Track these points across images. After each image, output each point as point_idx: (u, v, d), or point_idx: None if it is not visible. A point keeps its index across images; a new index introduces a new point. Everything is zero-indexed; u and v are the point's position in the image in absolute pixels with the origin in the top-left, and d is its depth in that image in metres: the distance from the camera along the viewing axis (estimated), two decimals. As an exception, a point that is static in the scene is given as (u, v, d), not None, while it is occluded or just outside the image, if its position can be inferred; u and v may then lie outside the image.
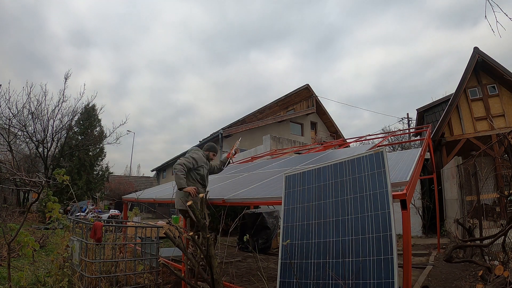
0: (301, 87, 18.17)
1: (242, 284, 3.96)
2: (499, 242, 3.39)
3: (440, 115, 10.72)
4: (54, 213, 3.55)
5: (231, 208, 8.15)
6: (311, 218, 2.28)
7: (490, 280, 2.70)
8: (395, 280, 1.68)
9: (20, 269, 3.70)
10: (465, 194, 5.91)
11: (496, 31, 2.05)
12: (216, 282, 2.22)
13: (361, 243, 1.90)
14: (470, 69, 9.17)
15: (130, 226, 4.35)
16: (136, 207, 7.83)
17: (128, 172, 34.10)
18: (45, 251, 5.42)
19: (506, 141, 3.32)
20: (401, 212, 1.92)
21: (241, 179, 4.47)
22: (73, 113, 14.09)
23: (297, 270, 2.18)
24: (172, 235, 2.24)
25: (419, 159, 3.16)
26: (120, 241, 3.94)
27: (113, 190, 21.22)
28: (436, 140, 9.40)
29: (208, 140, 15.69)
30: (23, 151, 15.51)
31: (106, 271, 3.33)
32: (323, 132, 19.71)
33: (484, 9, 2.01)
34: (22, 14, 38.93)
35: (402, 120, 20.76)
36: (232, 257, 5.67)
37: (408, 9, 78.68)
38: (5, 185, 10.12)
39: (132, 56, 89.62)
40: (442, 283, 3.84)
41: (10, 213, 7.88)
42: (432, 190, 7.86)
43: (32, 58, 46.34)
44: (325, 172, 2.38)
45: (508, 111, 8.99)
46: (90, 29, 62.62)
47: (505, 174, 5.52)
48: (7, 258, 2.93)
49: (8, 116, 12.11)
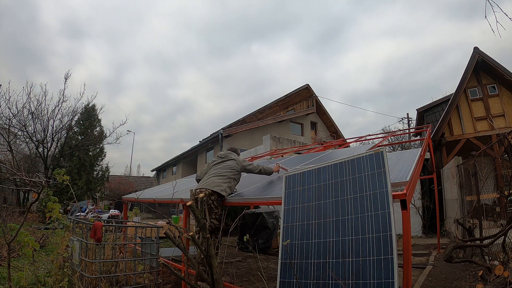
0: (301, 87, 18.18)
1: (242, 284, 3.96)
2: (499, 242, 3.39)
3: (440, 115, 10.72)
4: (54, 213, 3.55)
5: (231, 208, 8.12)
6: (311, 218, 2.28)
7: (490, 280, 2.70)
8: (395, 280, 1.68)
9: (20, 269, 3.70)
10: (465, 194, 5.91)
11: (496, 31, 2.06)
12: (216, 282, 2.22)
13: (361, 243, 1.90)
14: (470, 69, 9.17)
15: (130, 226, 4.35)
16: (136, 207, 7.82)
17: (128, 172, 34.15)
18: (45, 251, 5.42)
19: (506, 141, 3.32)
20: (401, 212, 1.92)
21: (241, 179, 4.47)
22: (73, 113, 14.13)
23: (297, 270, 2.18)
24: (172, 235, 2.24)
25: (419, 159, 3.16)
26: (120, 241, 3.94)
27: (113, 190, 21.23)
28: (436, 140, 9.40)
29: (208, 140, 15.70)
30: (23, 151, 15.52)
31: (106, 271, 3.32)
32: (323, 132, 19.71)
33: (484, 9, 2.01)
34: (14, 2, 36.98)
35: (402, 120, 20.77)
36: (232, 257, 5.67)
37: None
38: (5, 185, 10.12)
39: (127, 48, 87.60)
40: (442, 283, 3.84)
41: (10, 213, 7.87)
42: (432, 190, 7.86)
43: (24, 52, 44.21)
44: (325, 172, 2.38)
45: (508, 111, 8.99)
46: (83, 20, 60.16)
47: (505, 174, 5.53)
48: (7, 258, 2.93)
49: (8, 116, 12.14)
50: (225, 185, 3.37)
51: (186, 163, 19.75)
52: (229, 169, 3.55)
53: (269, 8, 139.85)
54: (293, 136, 16.77)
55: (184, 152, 18.70)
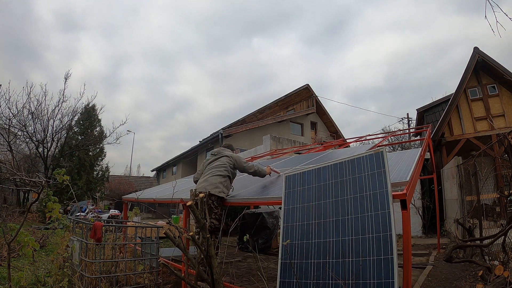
0: (301, 87, 18.19)
1: (242, 284, 3.96)
2: (499, 242, 3.39)
3: (440, 115, 10.72)
4: (54, 213, 3.55)
5: (231, 208, 8.12)
6: (311, 218, 2.28)
7: (490, 280, 2.70)
8: (395, 280, 1.68)
9: (20, 269, 3.70)
10: (465, 194, 5.91)
11: (496, 31, 2.06)
12: (216, 282, 2.22)
13: (361, 243, 1.90)
14: (470, 69, 9.17)
15: (130, 226, 4.36)
16: (136, 207, 7.82)
17: (128, 172, 34.15)
18: (45, 251, 5.42)
19: (506, 141, 3.33)
20: (401, 212, 1.92)
21: (241, 179, 4.47)
22: (73, 113, 14.12)
23: (297, 270, 2.18)
24: (172, 235, 2.24)
25: (419, 159, 3.16)
26: (120, 241, 3.94)
27: (113, 190, 21.22)
28: (436, 140, 9.40)
29: (208, 140, 15.70)
30: (23, 151, 15.52)
31: (106, 271, 3.33)
32: (323, 132, 19.71)
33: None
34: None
35: (402, 120, 20.77)
36: (232, 257, 5.67)
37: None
38: (5, 185, 10.12)
39: (124, 42, 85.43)
40: (442, 283, 3.84)
41: (10, 213, 7.88)
42: (432, 190, 7.86)
43: (19, 47, 42.05)
44: (325, 172, 2.38)
45: (508, 111, 8.99)
46: (78, 12, 58.07)
47: (505, 174, 5.52)
48: (7, 258, 2.93)
49: (8, 116, 12.14)
50: (221, 185, 3.33)
51: (186, 163, 19.75)
52: (223, 167, 3.49)
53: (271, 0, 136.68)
54: (293, 136, 16.77)
55: (184, 152, 18.71)
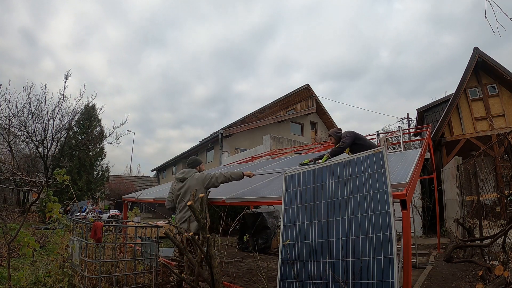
0: (301, 87, 18.18)
1: (242, 284, 3.96)
2: (499, 242, 3.39)
3: (440, 115, 10.71)
4: (54, 213, 3.54)
5: (231, 208, 8.14)
6: (311, 218, 2.28)
7: (490, 280, 2.70)
8: (395, 280, 1.68)
9: (20, 269, 3.70)
10: (465, 194, 5.91)
11: (496, 31, 2.06)
12: (216, 282, 2.22)
13: (361, 243, 1.90)
14: (470, 69, 9.17)
15: (130, 226, 4.35)
16: (136, 207, 7.82)
17: (128, 172, 34.14)
18: (45, 251, 5.41)
19: (506, 141, 3.33)
20: (401, 212, 1.92)
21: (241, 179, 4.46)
22: (73, 113, 14.12)
23: (297, 270, 2.18)
24: (172, 235, 2.24)
25: (419, 159, 3.16)
26: (120, 241, 3.93)
27: (113, 190, 21.21)
28: (436, 140, 9.39)
29: (208, 140, 15.70)
30: (23, 151, 15.51)
31: (106, 271, 3.32)
32: (323, 132, 19.70)
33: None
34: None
35: (402, 120, 20.75)
36: (232, 257, 5.67)
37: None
38: (5, 185, 10.12)
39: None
40: (442, 283, 3.84)
41: (10, 213, 7.88)
42: (432, 190, 7.86)
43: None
44: (325, 172, 2.38)
45: (508, 111, 8.99)
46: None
47: (505, 174, 5.52)
48: (7, 258, 2.93)
49: (8, 116, 12.13)
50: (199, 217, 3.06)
51: (186, 163, 19.71)
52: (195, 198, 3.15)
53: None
54: (293, 136, 16.76)
55: (184, 152, 18.71)
